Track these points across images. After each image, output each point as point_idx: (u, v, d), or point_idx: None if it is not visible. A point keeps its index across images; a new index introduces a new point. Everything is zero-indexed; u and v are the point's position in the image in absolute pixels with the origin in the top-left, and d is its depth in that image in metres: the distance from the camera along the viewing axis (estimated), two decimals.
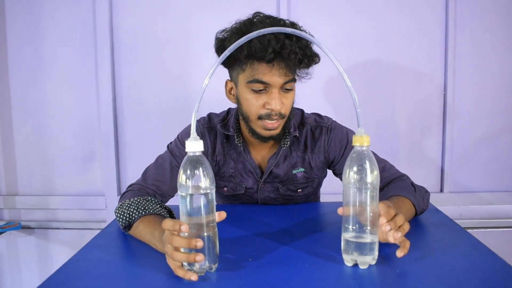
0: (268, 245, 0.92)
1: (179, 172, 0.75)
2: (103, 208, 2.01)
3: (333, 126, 1.23)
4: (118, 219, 0.99)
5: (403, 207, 1.00)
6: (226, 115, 1.24)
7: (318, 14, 1.92)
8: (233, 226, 1.05)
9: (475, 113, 1.99)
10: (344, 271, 0.78)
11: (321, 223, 1.12)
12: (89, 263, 0.85)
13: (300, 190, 1.25)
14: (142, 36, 1.95)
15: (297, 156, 1.22)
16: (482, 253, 0.87)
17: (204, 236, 0.75)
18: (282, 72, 1.01)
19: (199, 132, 1.21)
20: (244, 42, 0.78)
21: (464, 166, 2.03)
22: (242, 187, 1.24)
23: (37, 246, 2.07)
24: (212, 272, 0.78)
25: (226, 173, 1.23)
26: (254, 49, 0.98)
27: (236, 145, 1.20)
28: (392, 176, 1.16)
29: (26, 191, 2.07)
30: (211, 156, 1.22)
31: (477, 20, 1.93)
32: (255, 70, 1.02)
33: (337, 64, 0.76)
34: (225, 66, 1.12)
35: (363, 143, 0.76)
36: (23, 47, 1.97)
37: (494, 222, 2.00)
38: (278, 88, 1.04)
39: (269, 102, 1.04)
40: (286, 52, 0.98)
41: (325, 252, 0.87)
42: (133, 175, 2.00)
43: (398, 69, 1.96)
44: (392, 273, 0.77)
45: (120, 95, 1.99)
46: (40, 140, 2.03)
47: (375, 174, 0.76)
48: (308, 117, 1.24)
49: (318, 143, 1.21)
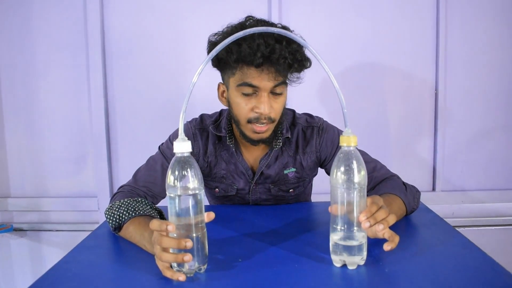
0: (258, 245, 0.93)
1: (167, 173, 0.75)
2: (96, 209, 2.00)
3: (325, 126, 1.23)
4: (108, 220, 0.99)
5: (393, 205, 1.01)
6: (218, 116, 1.24)
7: (309, 16, 1.92)
8: (222, 227, 1.05)
9: (467, 113, 2.00)
10: (333, 271, 0.78)
11: (311, 223, 1.12)
12: (79, 264, 0.85)
13: (292, 190, 1.26)
14: (134, 37, 1.94)
15: (288, 156, 1.22)
16: (471, 251, 0.87)
17: (193, 237, 0.75)
18: (271, 76, 1.02)
19: (191, 133, 1.21)
20: (231, 42, 0.79)
21: (456, 165, 2.04)
22: (234, 188, 1.24)
23: (30, 248, 2.05)
24: (201, 273, 0.78)
25: (217, 174, 1.23)
26: (244, 54, 0.98)
27: (228, 146, 1.20)
28: (383, 176, 1.17)
29: (18, 193, 2.06)
30: (202, 157, 1.22)
31: (468, 20, 1.94)
32: (244, 74, 1.02)
33: (325, 65, 0.76)
34: (218, 69, 1.12)
35: (350, 143, 0.76)
36: (13, 48, 1.96)
37: (486, 220, 2.02)
38: (268, 91, 1.04)
39: (258, 106, 1.04)
40: (275, 56, 0.98)
41: (314, 252, 0.87)
42: (126, 176, 1.99)
43: (389, 69, 1.97)
44: (381, 272, 0.77)
45: (112, 96, 1.98)
46: (32, 142, 2.02)
47: (363, 174, 0.76)
48: (299, 118, 1.25)
49: (309, 143, 1.22)
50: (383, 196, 1.03)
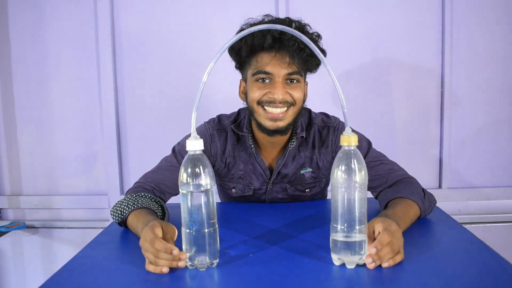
0: (269, 241, 0.94)
1: (180, 170, 0.78)
2: (106, 207, 2.04)
3: (340, 126, 1.22)
4: (112, 216, 1.04)
5: (410, 212, 1.00)
6: (237, 116, 1.25)
7: (316, 12, 1.93)
8: (233, 224, 1.08)
9: (473, 109, 2.00)
10: (333, 270, 0.79)
11: (325, 220, 1.11)
12: (94, 259, 0.88)
13: (308, 190, 1.26)
14: (145, 35, 1.97)
15: (305, 156, 1.22)
16: (478, 248, 0.88)
17: (205, 232, 0.77)
18: (284, 62, 1.05)
19: (209, 134, 1.22)
20: (242, 37, 0.82)
21: (462, 161, 2.04)
22: (251, 188, 1.25)
23: (42, 245, 2.09)
24: (213, 267, 0.80)
25: (235, 175, 1.24)
26: (256, 39, 1.04)
27: (247, 146, 1.21)
28: (400, 177, 1.15)
29: (30, 191, 2.10)
30: (220, 157, 1.22)
31: (473, 14, 1.94)
32: (259, 62, 1.08)
33: (327, 65, 0.77)
34: (238, 68, 1.18)
35: (350, 142, 0.76)
36: (26, 47, 1.99)
37: (493, 217, 2.02)
38: (282, 78, 1.07)
39: (272, 91, 1.07)
40: (286, 38, 1.02)
41: (317, 249, 0.89)
42: (136, 174, 2.00)
43: (395, 64, 1.98)
44: (383, 269, 0.78)
45: (122, 94, 2.01)
46: (43, 140, 2.05)
47: (363, 174, 0.76)
48: (315, 117, 1.25)
49: (325, 143, 1.22)
50: (401, 201, 1.02)
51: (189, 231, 0.78)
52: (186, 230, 0.78)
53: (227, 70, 1.22)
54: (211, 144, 1.21)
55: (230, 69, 1.19)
